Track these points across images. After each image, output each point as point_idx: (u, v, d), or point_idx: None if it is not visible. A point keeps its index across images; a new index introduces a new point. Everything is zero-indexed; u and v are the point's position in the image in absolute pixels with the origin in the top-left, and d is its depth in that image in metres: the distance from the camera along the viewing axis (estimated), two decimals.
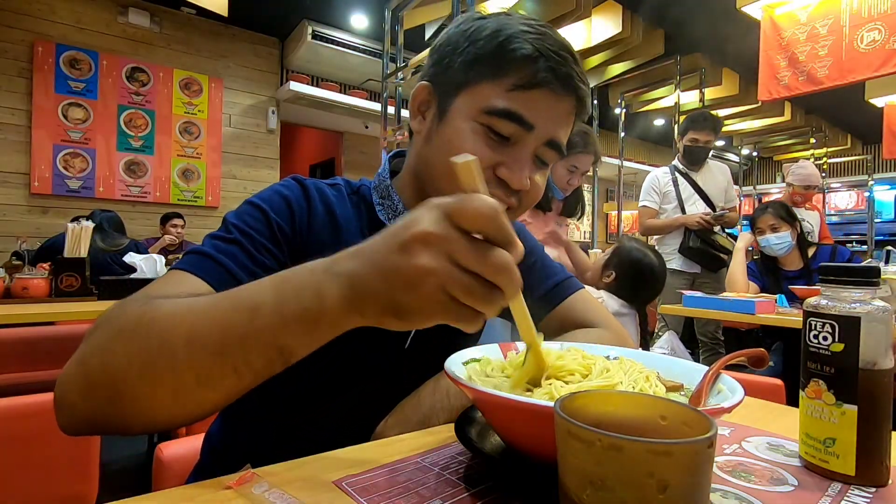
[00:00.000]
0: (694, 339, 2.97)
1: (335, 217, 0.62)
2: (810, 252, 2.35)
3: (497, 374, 0.48)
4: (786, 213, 2.30)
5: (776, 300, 1.97)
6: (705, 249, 2.77)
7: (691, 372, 0.50)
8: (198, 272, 0.50)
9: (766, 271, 2.42)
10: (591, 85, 5.62)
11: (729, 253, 2.84)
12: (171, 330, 0.39)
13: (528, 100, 0.55)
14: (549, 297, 0.76)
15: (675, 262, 2.87)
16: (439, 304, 0.33)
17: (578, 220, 2.22)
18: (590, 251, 3.54)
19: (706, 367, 0.49)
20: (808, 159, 7.65)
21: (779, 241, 2.26)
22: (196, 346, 0.38)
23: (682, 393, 0.47)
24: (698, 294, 2.18)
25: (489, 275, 0.33)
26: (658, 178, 2.94)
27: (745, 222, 5.93)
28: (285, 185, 0.62)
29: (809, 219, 3.29)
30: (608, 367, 0.46)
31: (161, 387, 0.39)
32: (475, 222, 0.33)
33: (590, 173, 2.09)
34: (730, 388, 0.43)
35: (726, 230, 2.97)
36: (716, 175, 2.93)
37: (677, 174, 2.91)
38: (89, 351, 0.41)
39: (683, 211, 2.86)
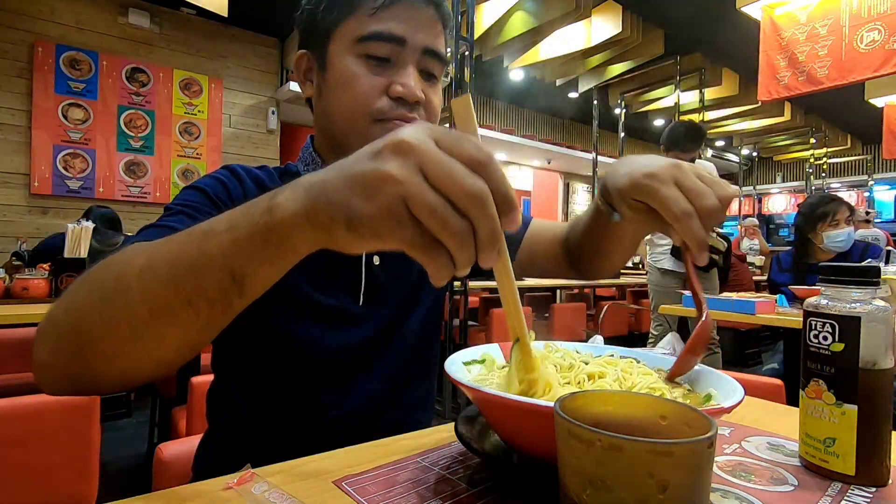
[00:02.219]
0: (688, 336, 2.98)
1: (266, 188, 0.66)
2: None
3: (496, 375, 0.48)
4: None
5: (776, 300, 1.97)
6: None
7: (690, 372, 0.49)
8: (150, 238, 0.52)
9: (797, 262, 2.31)
10: (591, 85, 5.65)
11: (720, 253, 2.84)
12: (127, 266, 0.39)
13: (391, 17, 0.60)
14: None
15: (666, 262, 2.87)
16: (395, 217, 0.29)
17: None
18: None
19: (706, 368, 0.49)
20: (808, 159, 7.66)
21: (853, 233, 2.16)
22: (148, 276, 0.38)
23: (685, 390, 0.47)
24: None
25: (458, 197, 0.29)
26: None
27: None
28: (215, 172, 0.66)
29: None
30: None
31: (118, 323, 0.38)
32: (462, 155, 0.30)
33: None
34: (730, 388, 0.43)
35: (715, 228, 2.98)
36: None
37: None
38: (56, 307, 0.42)
39: None
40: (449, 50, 3.50)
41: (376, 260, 0.69)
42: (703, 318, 0.47)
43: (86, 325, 0.39)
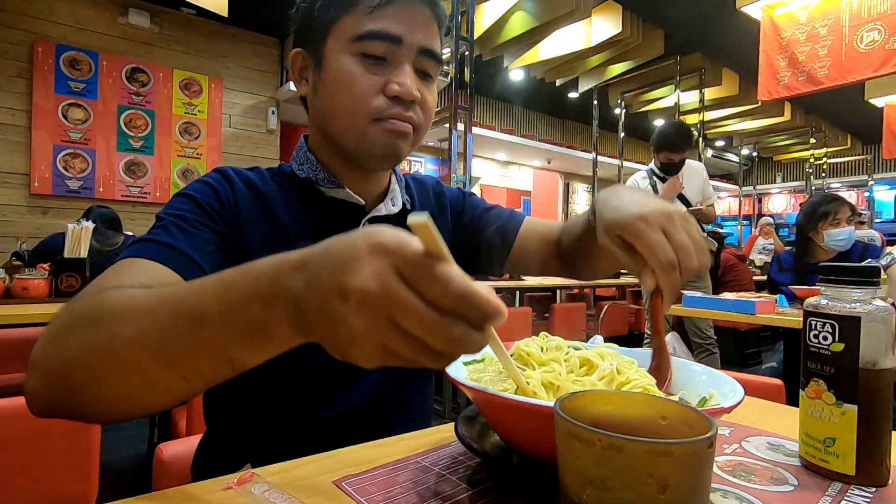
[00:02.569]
0: (687, 339, 2.99)
1: (258, 191, 0.66)
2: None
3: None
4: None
5: (776, 300, 1.97)
6: None
7: (690, 372, 0.50)
8: (144, 254, 0.52)
9: (798, 262, 2.32)
10: (591, 85, 5.65)
11: (713, 252, 2.86)
12: (116, 329, 0.38)
13: (387, 16, 0.60)
14: (503, 231, 0.78)
15: None
16: (384, 358, 0.30)
17: None
18: None
19: (706, 368, 0.49)
20: (808, 159, 7.66)
21: (853, 233, 2.17)
22: (139, 351, 0.37)
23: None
24: (699, 294, 2.17)
25: (437, 346, 0.29)
26: (637, 182, 3.02)
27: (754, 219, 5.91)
28: (205, 176, 0.66)
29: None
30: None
31: (108, 386, 0.39)
32: (433, 292, 0.28)
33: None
34: (730, 388, 0.43)
35: (705, 227, 3.00)
36: (690, 177, 2.98)
37: (655, 178, 2.96)
38: (47, 342, 0.42)
39: None
40: (449, 50, 3.48)
41: None
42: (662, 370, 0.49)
43: (76, 376, 0.39)
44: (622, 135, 5.75)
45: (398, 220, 0.70)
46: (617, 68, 5.33)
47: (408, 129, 0.62)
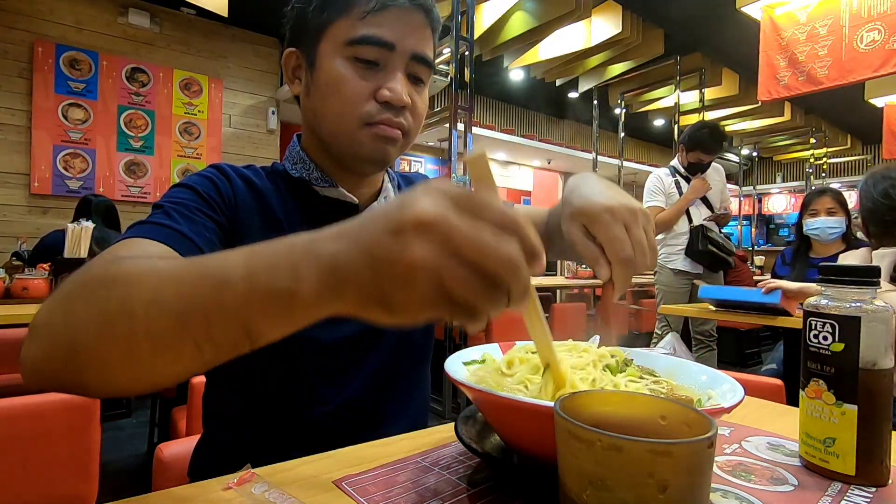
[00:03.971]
0: (688, 336, 2.99)
1: (255, 187, 0.66)
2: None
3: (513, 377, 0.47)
4: (843, 200, 2.27)
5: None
6: (712, 251, 2.79)
7: (690, 372, 0.50)
8: (146, 235, 0.51)
9: (797, 257, 2.37)
10: (591, 85, 5.65)
11: (732, 254, 2.86)
12: (133, 291, 0.37)
13: (381, 22, 0.60)
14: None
15: (679, 262, 2.88)
16: (433, 302, 0.29)
17: None
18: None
19: (707, 368, 0.49)
20: (808, 159, 7.66)
21: (836, 224, 2.22)
22: (155, 312, 0.36)
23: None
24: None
25: (493, 267, 0.29)
26: (661, 178, 2.96)
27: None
28: (203, 171, 0.66)
29: None
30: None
31: (116, 350, 0.37)
32: (487, 219, 0.29)
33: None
34: (730, 387, 0.43)
35: (722, 229, 3.00)
36: (713, 177, 2.96)
37: (679, 177, 2.93)
38: (53, 307, 0.40)
39: (688, 214, 2.89)
40: (449, 50, 3.47)
41: None
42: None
43: (82, 341, 0.38)
44: (622, 135, 5.74)
45: None
46: (617, 68, 5.33)
47: (397, 135, 0.63)
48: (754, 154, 9.12)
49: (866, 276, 0.43)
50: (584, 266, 3.53)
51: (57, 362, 0.39)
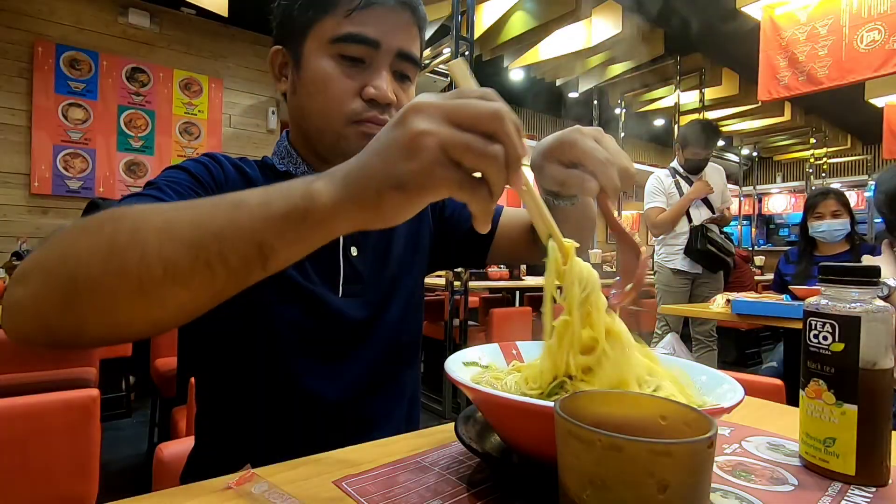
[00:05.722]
0: (688, 336, 3.00)
1: (248, 177, 0.67)
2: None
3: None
4: (846, 201, 2.31)
5: (783, 300, 1.96)
6: (711, 251, 2.80)
7: (690, 372, 0.49)
8: (139, 204, 0.50)
9: (803, 256, 2.41)
10: (592, 85, 5.64)
11: (731, 254, 2.86)
12: (144, 220, 0.37)
13: (366, 20, 0.60)
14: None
15: (678, 262, 2.88)
16: (440, 165, 0.33)
17: None
18: (590, 251, 3.55)
19: (706, 368, 0.49)
20: (808, 159, 7.66)
21: (841, 226, 2.27)
22: (168, 235, 0.36)
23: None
24: (751, 297, 2.02)
25: (484, 124, 0.33)
26: (661, 179, 2.96)
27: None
28: (196, 158, 0.66)
29: None
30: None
31: (126, 277, 0.36)
32: (471, 94, 0.35)
33: None
34: (730, 387, 0.43)
35: (723, 230, 3.00)
36: (713, 177, 2.96)
37: (679, 178, 2.93)
38: (46, 253, 0.39)
39: (689, 214, 2.89)
40: (448, 50, 3.48)
41: (354, 251, 0.69)
42: (640, 258, 0.50)
43: (85, 273, 0.36)
44: (622, 135, 5.74)
45: None
46: (617, 68, 5.33)
47: None
48: (754, 154, 9.12)
49: (866, 276, 0.43)
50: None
51: (51, 303, 0.37)
